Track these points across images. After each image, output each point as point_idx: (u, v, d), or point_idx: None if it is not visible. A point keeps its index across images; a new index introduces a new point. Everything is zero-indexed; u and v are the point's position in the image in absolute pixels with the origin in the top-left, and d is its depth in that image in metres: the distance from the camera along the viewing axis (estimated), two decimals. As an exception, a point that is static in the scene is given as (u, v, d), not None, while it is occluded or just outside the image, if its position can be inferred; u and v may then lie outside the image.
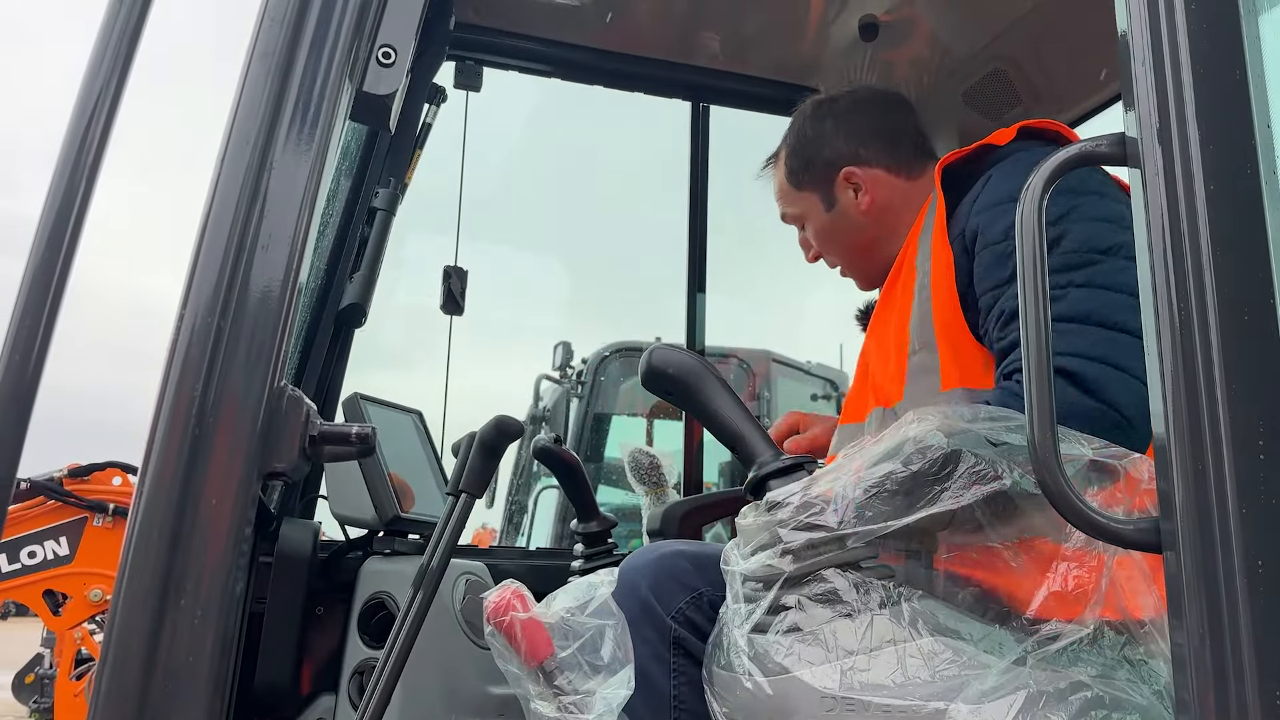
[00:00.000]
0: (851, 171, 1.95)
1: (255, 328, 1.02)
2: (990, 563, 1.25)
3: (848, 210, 1.97)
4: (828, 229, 2.02)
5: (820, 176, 1.99)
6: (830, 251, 2.06)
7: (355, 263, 2.41)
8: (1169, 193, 1.00)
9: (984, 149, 1.75)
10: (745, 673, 1.19)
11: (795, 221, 2.08)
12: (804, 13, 2.70)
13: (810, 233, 2.05)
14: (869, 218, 1.95)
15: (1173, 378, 0.97)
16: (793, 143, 2.05)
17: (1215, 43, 1.02)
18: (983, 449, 1.23)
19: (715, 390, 1.30)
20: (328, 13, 1.12)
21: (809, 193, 2.01)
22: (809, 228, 2.05)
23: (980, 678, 1.13)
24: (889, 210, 1.94)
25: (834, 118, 2.00)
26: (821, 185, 1.99)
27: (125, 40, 1.00)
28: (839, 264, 2.08)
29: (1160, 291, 0.99)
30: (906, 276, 1.74)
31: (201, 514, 0.97)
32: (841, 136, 1.98)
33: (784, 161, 2.05)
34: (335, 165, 2.44)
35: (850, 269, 2.07)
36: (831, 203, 1.98)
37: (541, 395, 6.73)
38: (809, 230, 2.05)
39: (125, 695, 0.94)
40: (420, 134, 2.56)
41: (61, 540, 3.89)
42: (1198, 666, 0.92)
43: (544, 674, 1.29)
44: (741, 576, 1.24)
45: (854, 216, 1.96)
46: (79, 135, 0.96)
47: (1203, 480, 0.94)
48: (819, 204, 2.00)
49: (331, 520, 2.33)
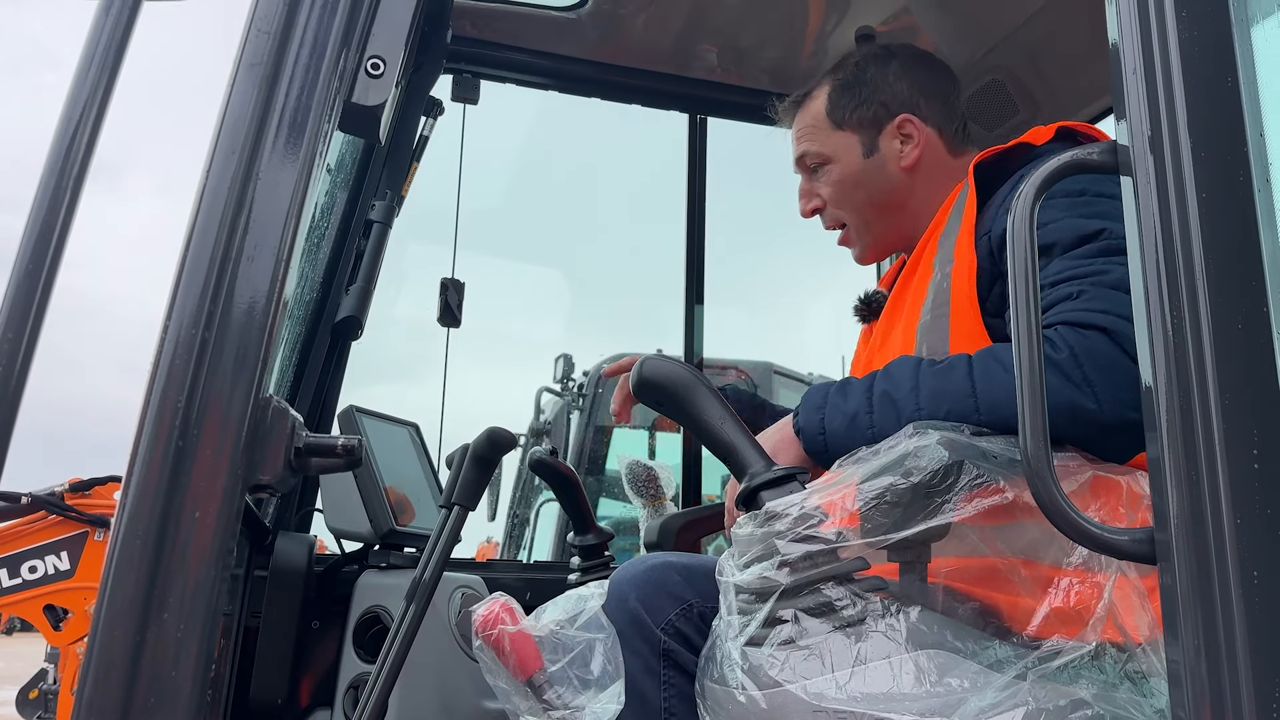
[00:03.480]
0: (908, 119, 1.87)
1: (240, 339, 1.02)
2: (989, 578, 1.24)
3: (887, 161, 1.88)
4: (856, 177, 1.89)
5: (870, 118, 1.88)
6: (846, 204, 1.91)
7: (352, 275, 2.41)
8: (1161, 202, 1.00)
9: (1019, 147, 1.74)
10: (739, 686, 1.18)
11: (816, 162, 1.93)
12: (801, 24, 2.71)
13: (832, 178, 1.91)
14: (906, 176, 1.88)
15: (1165, 387, 0.96)
16: (844, 79, 1.92)
17: (1207, 52, 1.02)
18: (984, 462, 1.22)
19: (706, 401, 1.30)
20: (316, 23, 1.12)
21: (849, 134, 1.89)
22: (833, 172, 1.91)
23: (979, 693, 1.11)
24: (927, 175, 1.87)
25: (900, 62, 1.92)
26: (868, 128, 1.88)
27: (111, 52, 1.00)
28: (848, 222, 1.94)
29: (1152, 300, 0.99)
30: (922, 275, 1.72)
31: (185, 526, 0.96)
32: (905, 82, 1.90)
33: (827, 96, 1.92)
34: (330, 177, 2.45)
35: (858, 230, 1.94)
36: (872, 149, 1.88)
37: (542, 408, 6.72)
38: (831, 175, 1.91)
39: (108, 708, 0.93)
40: (417, 147, 2.57)
41: (63, 555, 3.89)
42: (1194, 680, 0.91)
43: (533, 688, 1.28)
44: (736, 588, 1.23)
45: (891, 170, 1.88)
46: (64, 147, 0.96)
47: (1197, 491, 0.93)
48: (857, 147, 1.89)
49: (328, 534, 2.33)
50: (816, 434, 1.48)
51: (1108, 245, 1.47)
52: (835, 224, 1.96)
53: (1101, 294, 1.39)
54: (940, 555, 1.25)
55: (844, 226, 1.96)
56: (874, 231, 1.94)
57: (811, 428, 1.49)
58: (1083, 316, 1.36)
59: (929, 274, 1.69)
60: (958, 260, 1.62)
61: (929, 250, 1.74)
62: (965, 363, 1.42)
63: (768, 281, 8.31)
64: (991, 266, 1.60)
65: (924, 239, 1.79)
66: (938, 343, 1.58)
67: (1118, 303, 1.36)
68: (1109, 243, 1.48)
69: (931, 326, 1.62)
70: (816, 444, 1.48)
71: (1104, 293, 1.39)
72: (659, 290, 3.86)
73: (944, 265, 1.65)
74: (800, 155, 1.96)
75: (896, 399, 1.42)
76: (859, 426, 1.43)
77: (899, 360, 1.51)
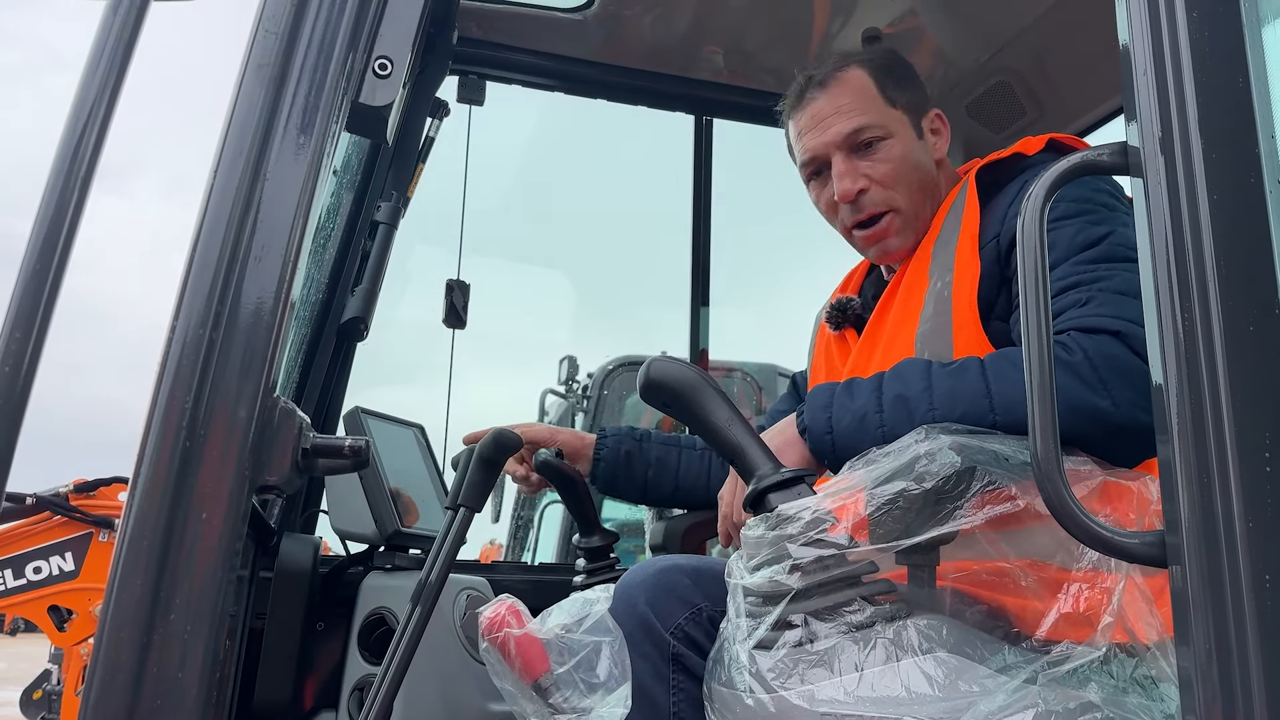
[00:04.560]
0: (939, 114, 1.88)
1: (247, 340, 1.02)
2: (998, 582, 1.24)
3: (927, 150, 1.85)
4: (911, 157, 1.79)
5: (916, 103, 1.85)
6: (902, 185, 1.78)
7: (357, 276, 2.41)
8: (1172, 203, 0.99)
9: (1013, 157, 1.73)
10: (747, 690, 1.17)
11: (875, 135, 1.78)
12: (807, 26, 2.71)
13: (893, 154, 1.78)
14: (936, 170, 1.85)
15: (1177, 389, 0.96)
16: (883, 62, 1.85)
17: (1218, 52, 1.01)
18: (996, 466, 1.21)
19: (713, 402, 1.29)
20: (323, 24, 1.12)
21: (901, 113, 1.81)
22: (894, 148, 1.78)
23: (989, 697, 1.11)
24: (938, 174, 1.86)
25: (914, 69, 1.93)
26: (914, 112, 1.84)
27: (119, 52, 0.99)
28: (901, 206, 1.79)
29: (1164, 302, 0.98)
30: (915, 283, 1.71)
31: (191, 527, 0.96)
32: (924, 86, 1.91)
33: (871, 74, 1.82)
34: (335, 178, 2.45)
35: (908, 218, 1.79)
36: (920, 133, 1.84)
37: (547, 410, 6.71)
38: (892, 151, 1.78)
39: (114, 710, 0.93)
40: (423, 148, 2.57)
41: (67, 555, 3.89)
42: (1205, 685, 0.90)
43: (539, 691, 1.27)
44: (744, 590, 1.22)
45: (928, 161, 1.84)
46: (71, 147, 0.96)
47: (1208, 493, 0.93)
48: (910, 128, 1.82)
49: (333, 535, 2.32)
50: (824, 434, 1.47)
51: (1110, 250, 1.48)
52: (881, 209, 1.79)
53: (1110, 299, 1.39)
54: (948, 559, 1.24)
55: (885, 214, 1.79)
56: (922, 219, 1.80)
57: (818, 428, 1.48)
58: (1094, 322, 1.37)
59: (923, 282, 1.68)
60: (958, 269, 1.62)
61: (922, 258, 1.74)
62: (978, 365, 1.42)
63: (773, 283, 8.29)
64: (999, 272, 1.59)
65: (916, 246, 1.79)
66: (941, 351, 1.58)
67: (1127, 308, 1.36)
68: (1112, 248, 1.48)
69: (932, 335, 1.61)
70: (824, 444, 1.47)
71: (1112, 298, 1.40)
72: (663, 292, 3.85)
73: (943, 274, 1.65)
74: (855, 129, 1.77)
75: (909, 399, 1.41)
76: (868, 427, 1.43)
77: (907, 361, 1.50)
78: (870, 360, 1.75)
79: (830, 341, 1.99)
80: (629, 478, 2.17)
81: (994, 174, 1.73)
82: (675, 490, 2.18)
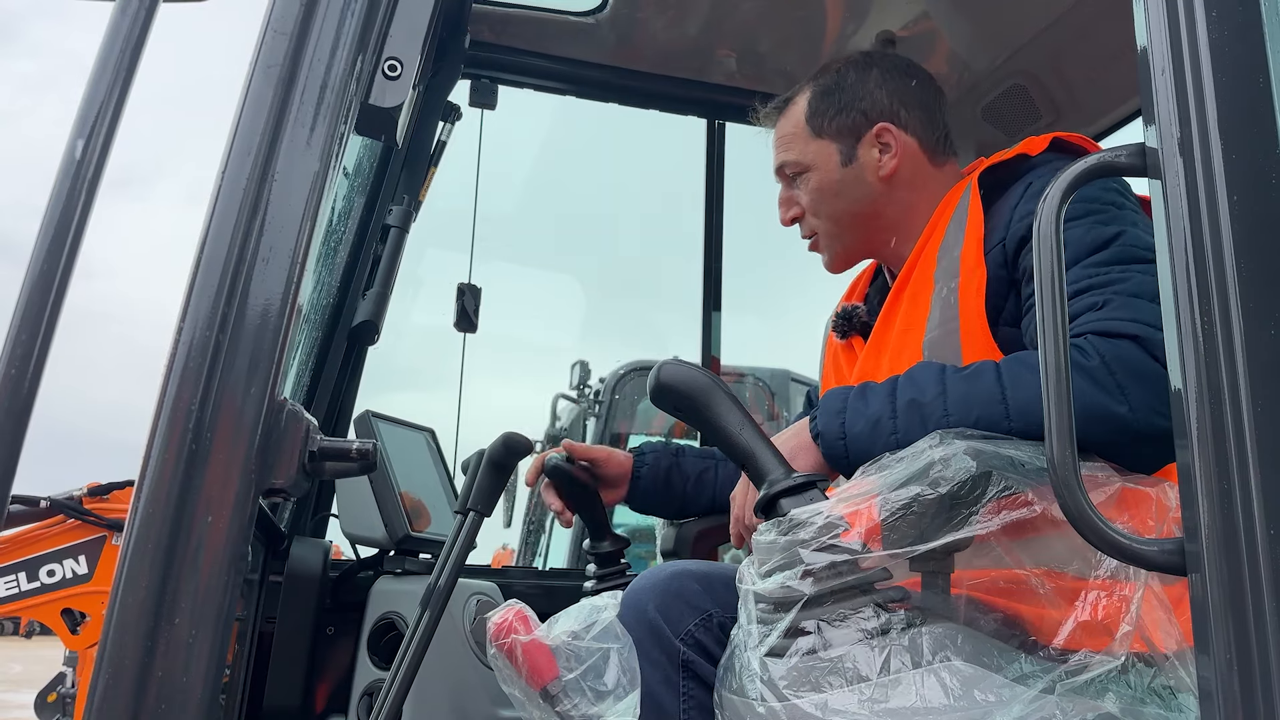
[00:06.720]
0: (887, 128, 1.86)
1: (254, 342, 1.01)
2: (1014, 589, 1.22)
3: (865, 171, 1.86)
4: (833, 186, 1.87)
5: (848, 126, 1.87)
6: (822, 213, 1.90)
7: (369, 280, 2.41)
8: (1190, 204, 0.98)
9: (1016, 157, 1.71)
10: (758, 697, 1.16)
11: (795, 170, 1.92)
12: (820, 29, 2.70)
13: (809, 187, 1.90)
14: (884, 185, 1.86)
15: (1196, 393, 0.94)
16: (825, 85, 1.91)
17: (1237, 52, 1.00)
18: (1012, 471, 1.20)
19: (724, 406, 1.28)
20: (332, 25, 1.12)
21: (827, 142, 1.87)
22: (810, 181, 1.89)
23: (1005, 707, 1.09)
24: (907, 185, 1.85)
25: (880, 70, 1.91)
26: (846, 136, 1.87)
27: (128, 52, 0.99)
28: (821, 231, 1.92)
29: (1182, 304, 0.97)
30: (920, 288, 1.70)
31: (197, 530, 0.96)
32: (885, 90, 1.88)
33: (807, 103, 1.91)
34: (347, 182, 2.45)
35: (830, 239, 1.92)
36: (850, 158, 1.87)
37: (559, 414, 6.71)
38: (808, 184, 1.90)
39: (118, 713, 0.92)
40: (435, 151, 2.57)
41: (80, 559, 3.90)
42: (1225, 696, 0.89)
43: (548, 697, 1.26)
44: (756, 596, 1.21)
45: (869, 180, 1.86)
46: (79, 148, 0.96)
47: (1228, 500, 0.91)
48: (834, 156, 1.87)
49: (343, 539, 2.32)
50: (837, 439, 1.46)
51: (1123, 251, 1.46)
52: (808, 234, 1.96)
53: (1126, 303, 1.38)
54: (963, 566, 1.23)
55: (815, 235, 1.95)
56: (844, 240, 1.92)
57: (832, 432, 1.47)
58: (1111, 325, 1.35)
59: (928, 287, 1.67)
60: (964, 273, 1.60)
61: (925, 263, 1.72)
62: (993, 369, 1.40)
63: (786, 288, 8.27)
64: (1007, 276, 1.57)
65: (916, 251, 1.76)
66: (949, 358, 1.56)
67: (1143, 311, 1.35)
68: (1124, 249, 1.46)
69: (940, 341, 1.60)
70: (837, 449, 1.46)
71: (1128, 301, 1.38)
72: (676, 297, 3.83)
73: (948, 279, 1.63)
74: (779, 165, 1.95)
75: (923, 404, 1.40)
76: (882, 431, 1.41)
77: (920, 365, 1.49)
78: (878, 367, 1.73)
79: (838, 350, 1.98)
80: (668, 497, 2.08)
81: (997, 175, 1.71)
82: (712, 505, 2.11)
